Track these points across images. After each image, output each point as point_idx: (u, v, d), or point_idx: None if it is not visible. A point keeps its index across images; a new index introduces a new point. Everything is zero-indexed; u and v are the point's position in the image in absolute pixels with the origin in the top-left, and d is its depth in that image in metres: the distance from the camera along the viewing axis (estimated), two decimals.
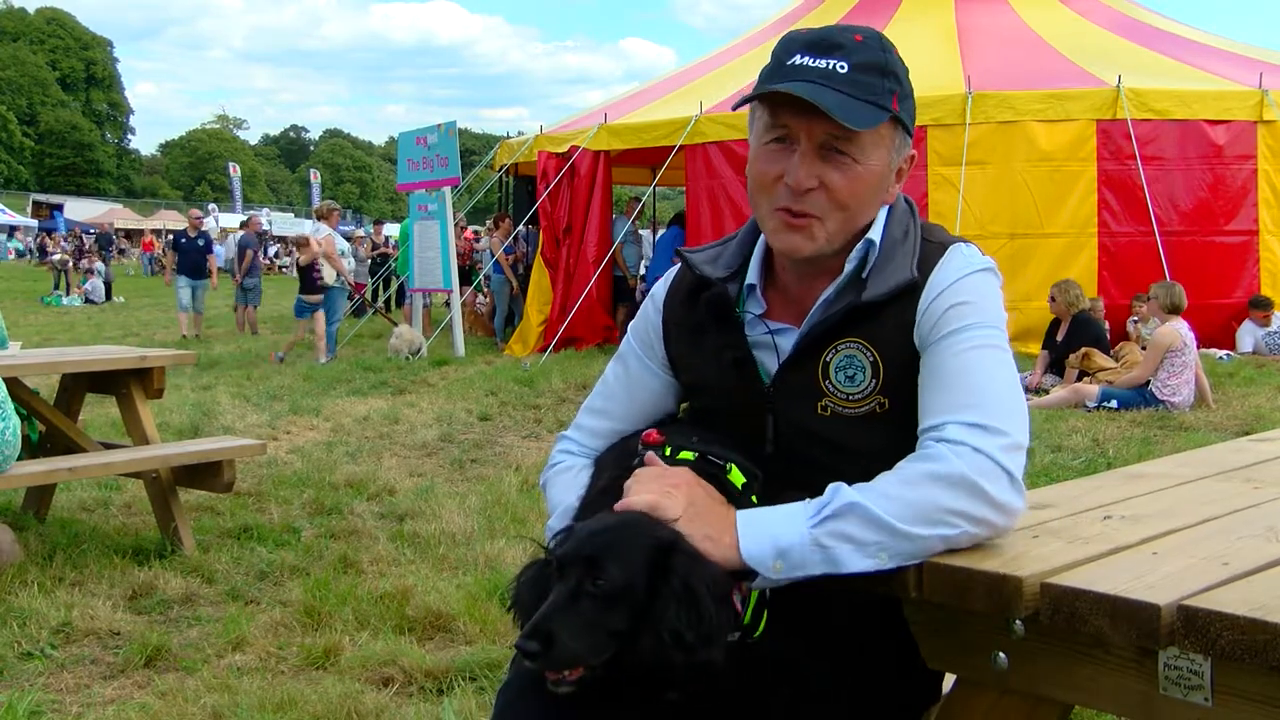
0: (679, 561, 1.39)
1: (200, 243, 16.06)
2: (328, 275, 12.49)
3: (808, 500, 1.44)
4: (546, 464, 1.83)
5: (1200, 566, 1.34)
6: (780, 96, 1.54)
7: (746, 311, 1.68)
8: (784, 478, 1.58)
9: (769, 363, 1.65)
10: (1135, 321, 10.63)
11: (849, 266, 1.61)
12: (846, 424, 1.58)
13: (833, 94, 1.51)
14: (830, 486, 1.43)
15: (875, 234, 1.61)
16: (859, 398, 1.58)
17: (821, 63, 1.54)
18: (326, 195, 52.96)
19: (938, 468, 1.40)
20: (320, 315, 12.25)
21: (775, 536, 1.41)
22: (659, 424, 1.72)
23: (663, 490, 1.46)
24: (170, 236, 23.36)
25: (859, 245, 1.61)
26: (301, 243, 12.66)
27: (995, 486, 1.39)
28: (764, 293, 1.69)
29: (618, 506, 1.44)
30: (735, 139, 11.84)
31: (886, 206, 1.65)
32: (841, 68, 1.53)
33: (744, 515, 1.45)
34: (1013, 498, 1.41)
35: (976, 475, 1.39)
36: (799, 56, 1.56)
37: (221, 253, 19.87)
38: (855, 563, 1.38)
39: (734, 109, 1.70)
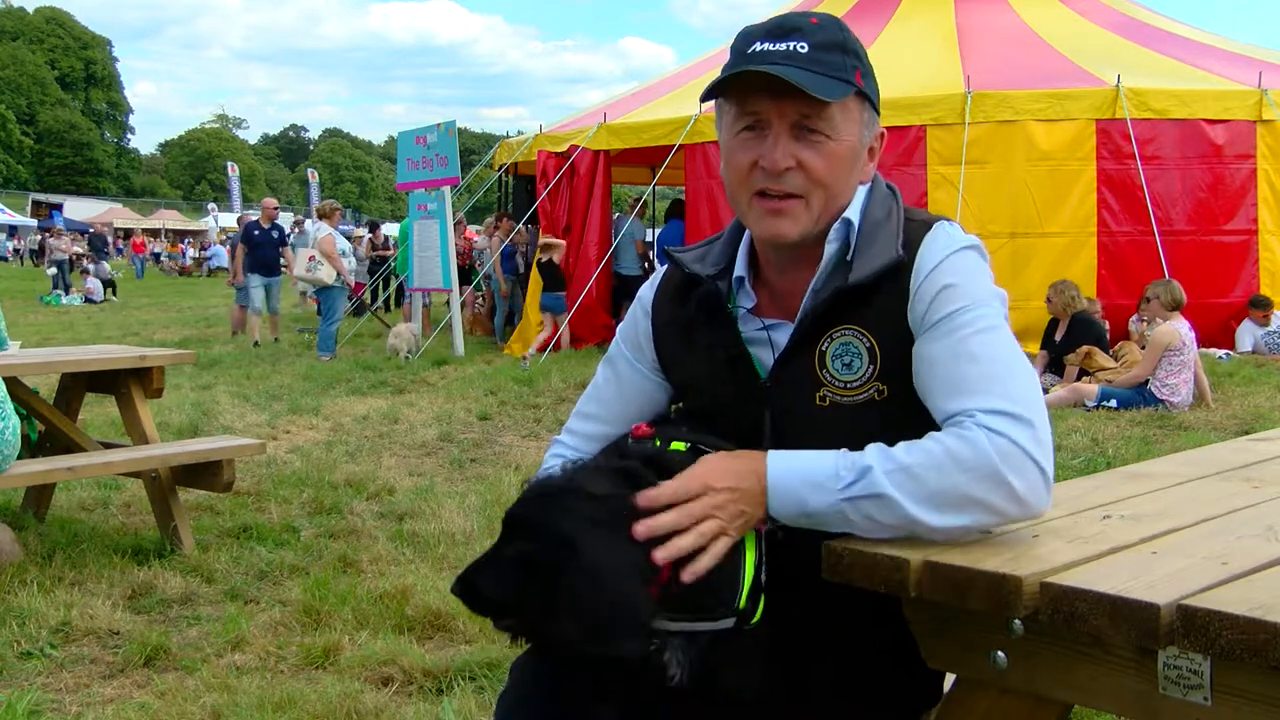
0: (577, 563, 1.38)
1: (275, 234, 14.44)
2: (326, 275, 12.47)
3: (838, 456, 1.45)
4: (540, 468, 1.81)
5: (1200, 566, 1.34)
6: (747, 82, 1.55)
7: (738, 307, 1.68)
8: None
9: (764, 358, 1.65)
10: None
11: (830, 248, 1.61)
12: (845, 413, 1.58)
13: (798, 71, 1.53)
14: (866, 456, 1.43)
15: (853, 214, 1.62)
16: (856, 385, 1.58)
17: (782, 46, 1.56)
18: (326, 195, 52.91)
19: (975, 457, 1.40)
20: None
21: (803, 501, 1.44)
22: (650, 421, 1.72)
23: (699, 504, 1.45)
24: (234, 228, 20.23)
25: (837, 225, 1.61)
26: (550, 244, 12.70)
27: (1027, 484, 1.41)
28: (752, 286, 1.69)
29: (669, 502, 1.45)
30: None
31: (864, 187, 1.66)
32: (802, 48, 1.55)
33: (775, 476, 1.46)
34: (1043, 494, 1.43)
35: (1012, 472, 1.40)
36: (759, 44, 1.58)
37: (223, 253, 19.41)
38: (875, 534, 1.44)
39: (702, 100, 1.71)
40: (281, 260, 14.55)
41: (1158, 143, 11.39)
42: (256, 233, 14.26)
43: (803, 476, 1.45)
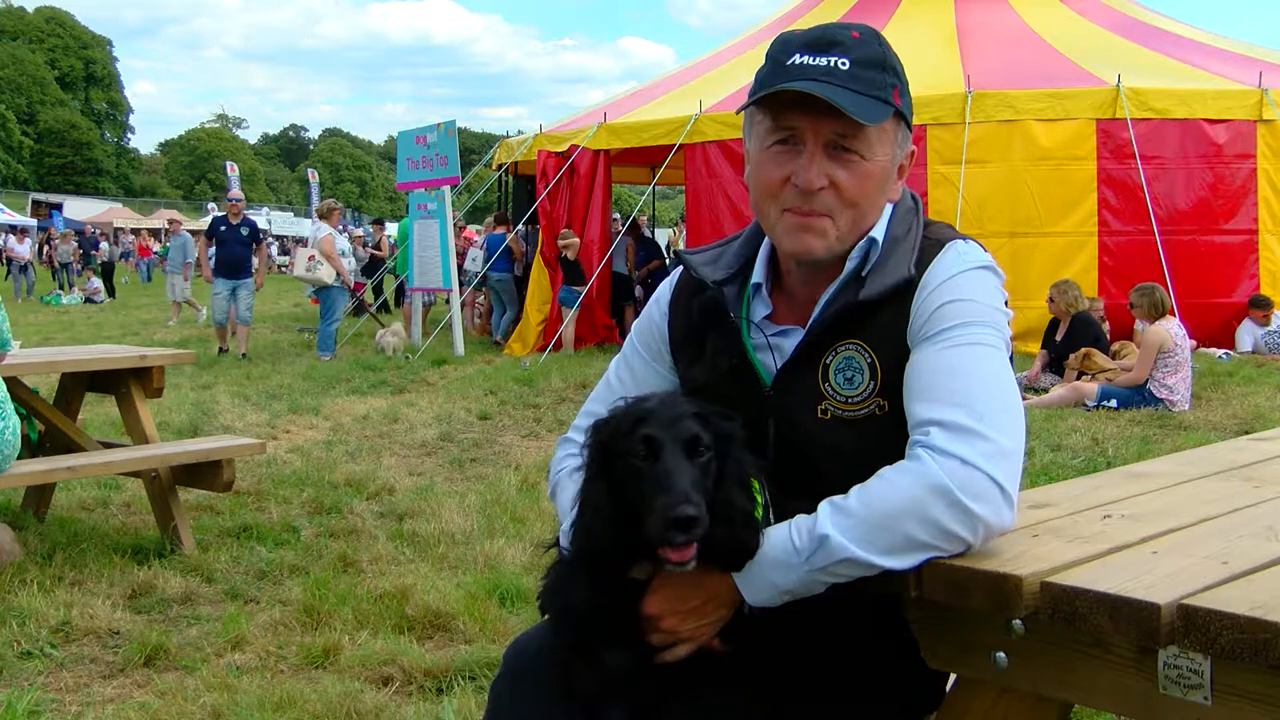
0: (736, 449, 1.47)
1: (244, 232, 12.77)
2: (325, 274, 12.45)
3: (791, 531, 1.43)
4: (551, 469, 1.80)
5: (1200, 565, 1.34)
6: (787, 97, 1.52)
7: (750, 316, 1.67)
8: (786, 482, 1.57)
9: (770, 365, 1.64)
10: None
11: (850, 265, 1.60)
12: (847, 427, 1.57)
13: (839, 90, 1.50)
14: (819, 523, 1.41)
15: (878, 232, 1.61)
16: (858, 400, 1.57)
17: (822, 60, 1.53)
18: (326, 195, 52.87)
19: (925, 487, 1.37)
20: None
21: (775, 584, 1.44)
22: None
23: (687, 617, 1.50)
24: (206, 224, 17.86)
25: (861, 243, 1.60)
26: (570, 239, 12.71)
27: (987, 508, 1.37)
28: (770, 293, 1.68)
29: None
30: (735, 138, 11.83)
31: (891, 204, 1.64)
32: (843, 64, 1.52)
33: (740, 575, 1.46)
34: (1002, 514, 1.39)
35: (968, 497, 1.36)
36: (799, 56, 1.54)
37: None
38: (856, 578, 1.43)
39: (738, 112, 1.69)
40: (254, 261, 13.04)
41: (1158, 142, 11.39)
42: (223, 229, 12.83)
43: (765, 559, 1.44)
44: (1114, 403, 8.43)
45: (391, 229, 21.42)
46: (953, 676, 1.57)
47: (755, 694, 1.55)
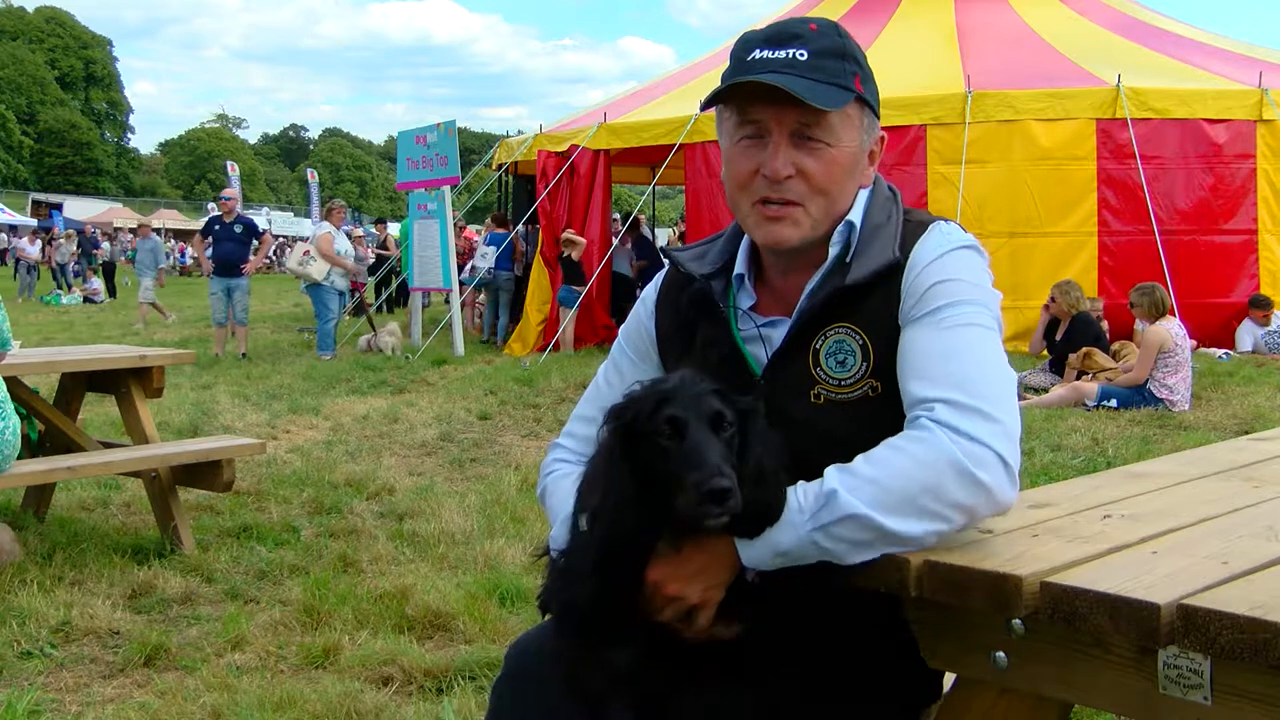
0: (757, 422, 1.48)
1: (237, 229, 12.61)
2: (315, 271, 12.42)
3: (797, 491, 1.43)
4: (541, 473, 1.80)
5: (1200, 565, 1.34)
6: (747, 90, 1.56)
7: (736, 306, 1.69)
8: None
9: (760, 356, 1.65)
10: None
11: (833, 251, 1.62)
12: (840, 410, 1.58)
13: (798, 80, 1.53)
14: (826, 481, 1.41)
15: (855, 216, 1.63)
16: (851, 382, 1.58)
17: (781, 53, 1.57)
18: (326, 194, 52.91)
19: (938, 457, 1.39)
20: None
21: (774, 543, 1.42)
22: None
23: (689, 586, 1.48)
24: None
25: (840, 228, 1.63)
26: (572, 240, 12.71)
27: (995, 479, 1.39)
28: (753, 285, 1.70)
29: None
30: None
31: (866, 190, 1.67)
32: (801, 55, 1.56)
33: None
34: (1009, 490, 1.41)
35: (976, 467, 1.38)
36: (758, 51, 1.58)
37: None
38: (853, 557, 1.41)
39: (702, 109, 1.72)
40: (252, 260, 12.97)
41: (1158, 142, 11.39)
42: (217, 227, 12.72)
43: None
44: (1114, 403, 8.43)
45: (393, 229, 21.41)
46: (952, 675, 1.57)
47: (757, 691, 1.55)
